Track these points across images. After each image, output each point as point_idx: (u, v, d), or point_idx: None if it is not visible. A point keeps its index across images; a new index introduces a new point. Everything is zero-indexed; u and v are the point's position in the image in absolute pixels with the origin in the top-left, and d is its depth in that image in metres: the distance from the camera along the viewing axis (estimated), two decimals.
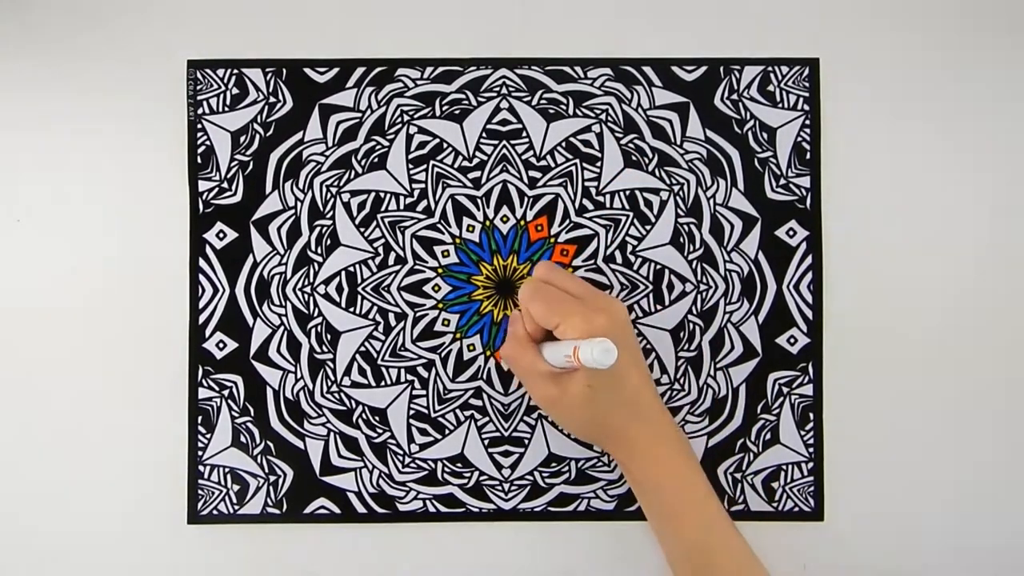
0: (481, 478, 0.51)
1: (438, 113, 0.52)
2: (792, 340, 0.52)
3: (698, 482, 0.46)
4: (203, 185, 0.51)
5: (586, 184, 0.52)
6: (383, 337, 0.52)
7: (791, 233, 0.52)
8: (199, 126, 0.51)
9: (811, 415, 0.52)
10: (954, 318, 0.52)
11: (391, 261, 0.52)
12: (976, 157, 0.52)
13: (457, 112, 0.52)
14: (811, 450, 0.52)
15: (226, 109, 0.52)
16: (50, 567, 0.51)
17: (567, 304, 0.44)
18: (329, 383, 0.51)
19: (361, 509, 0.51)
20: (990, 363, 0.52)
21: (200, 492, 0.51)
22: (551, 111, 0.52)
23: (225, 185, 0.51)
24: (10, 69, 0.51)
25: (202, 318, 0.51)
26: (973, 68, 0.52)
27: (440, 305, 0.52)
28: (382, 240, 0.52)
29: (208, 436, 0.51)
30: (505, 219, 0.52)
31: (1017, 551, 0.52)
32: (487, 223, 0.52)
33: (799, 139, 0.52)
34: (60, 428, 0.51)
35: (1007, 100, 0.52)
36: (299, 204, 0.52)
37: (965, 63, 0.52)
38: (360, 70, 0.52)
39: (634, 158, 0.52)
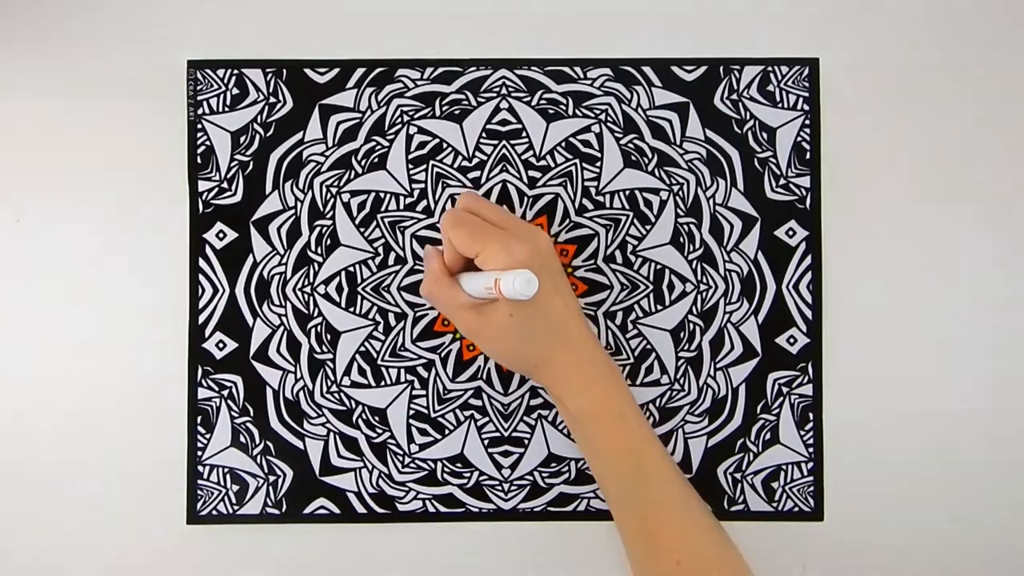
0: (481, 478, 0.51)
1: (438, 113, 0.52)
2: (792, 340, 0.52)
3: (626, 406, 0.46)
4: (203, 185, 0.51)
5: (586, 184, 0.52)
6: (383, 337, 0.52)
7: (791, 233, 0.52)
8: (199, 126, 0.52)
9: (811, 415, 0.52)
10: (954, 318, 0.52)
11: (391, 261, 0.52)
12: (976, 157, 0.52)
13: (457, 112, 0.52)
14: (811, 450, 0.52)
15: (226, 109, 0.52)
16: (50, 567, 0.51)
17: (489, 232, 0.44)
18: (329, 383, 0.51)
19: (361, 509, 0.51)
20: (991, 363, 0.52)
21: (200, 492, 0.51)
22: (551, 111, 0.52)
23: (225, 185, 0.52)
24: (10, 69, 0.51)
25: (202, 318, 0.51)
26: (973, 68, 0.52)
27: None
28: (382, 240, 0.52)
29: (208, 436, 0.51)
30: None
31: (1017, 551, 0.51)
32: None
33: (799, 139, 0.52)
34: (60, 428, 0.51)
35: (1007, 100, 0.52)
36: (299, 204, 0.52)
37: (965, 63, 0.52)
38: (360, 70, 0.52)
39: (634, 158, 0.52)
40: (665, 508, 0.45)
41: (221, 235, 0.52)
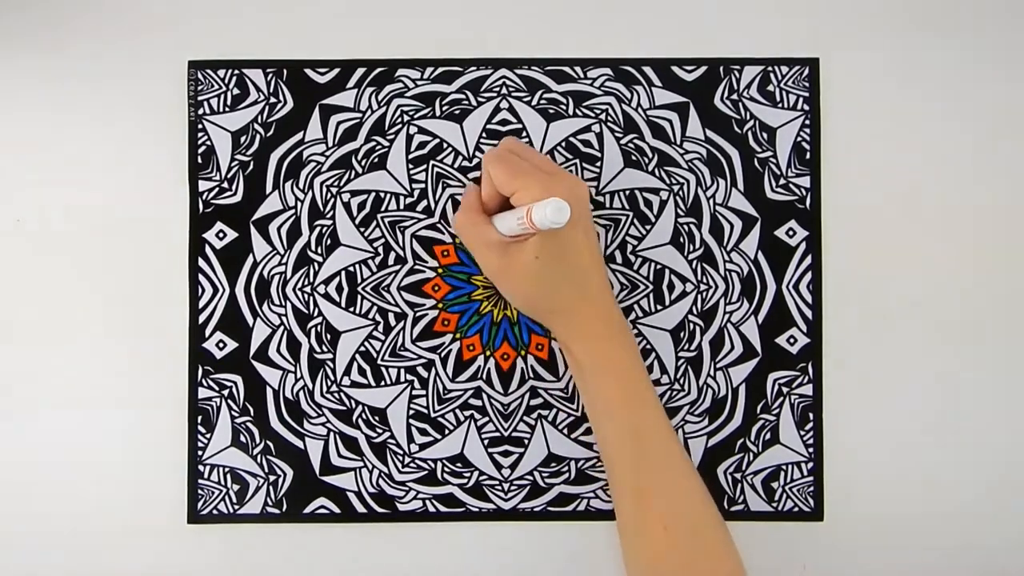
0: (481, 478, 0.51)
1: (438, 113, 0.52)
2: (792, 340, 0.52)
3: (634, 363, 0.46)
4: (203, 185, 0.52)
5: (586, 184, 0.52)
6: (383, 337, 0.52)
7: (791, 233, 0.52)
8: (200, 126, 0.52)
9: (811, 415, 0.52)
10: (955, 318, 0.52)
11: (391, 261, 0.52)
12: (976, 157, 0.52)
13: (457, 112, 0.52)
14: (811, 450, 0.52)
15: (227, 109, 0.52)
16: (50, 567, 0.51)
17: (529, 172, 0.44)
18: (329, 383, 0.52)
19: (361, 509, 0.51)
20: (991, 363, 0.52)
21: (200, 492, 0.51)
22: (551, 111, 0.52)
23: (225, 185, 0.52)
24: (10, 69, 0.51)
25: (202, 318, 0.51)
26: (973, 68, 0.52)
27: (440, 305, 0.52)
28: (382, 240, 0.52)
29: (208, 436, 0.51)
30: None
31: (1018, 551, 0.51)
32: None
33: (799, 139, 0.52)
34: (60, 428, 0.51)
35: (1007, 99, 0.52)
36: (299, 204, 0.52)
37: (965, 63, 0.52)
38: (360, 70, 0.52)
39: (634, 158, 0.52)
40: (659, 467, 0.45)
41: (221, 235, 0.52)
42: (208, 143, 0.52)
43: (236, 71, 0.52)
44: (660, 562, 0.44)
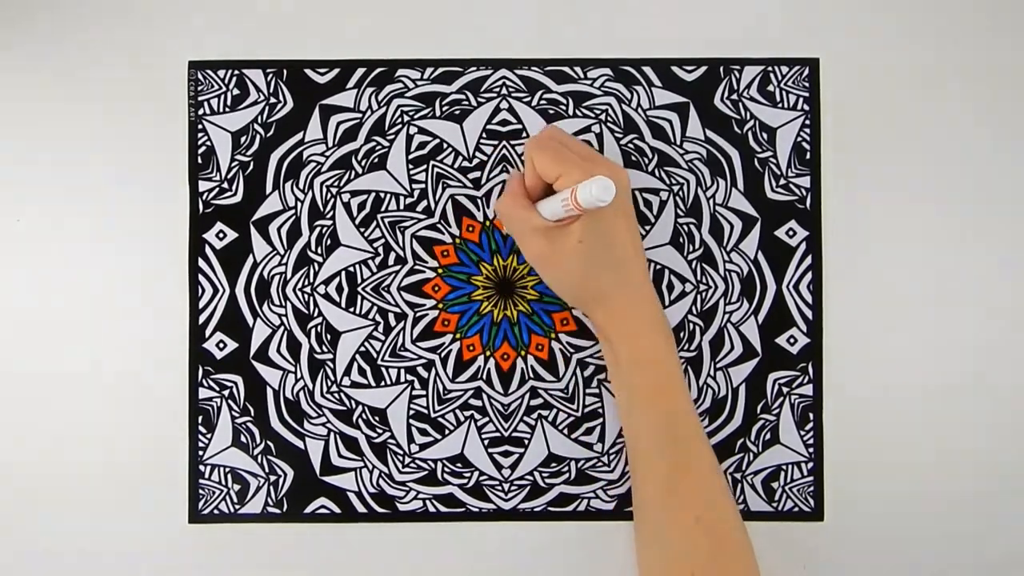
0: (481, 478, 0.51)
1: (438, 113, 0.52)
2: (792, 340, 0.52)
3: (671, 357, 0.47)
4: (203, 185, 0.52)
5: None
6: (383, 337, 0.52)
7: (791, 233, 0.52)
8: (200, 127, 0.52)
9: (811, 415, 0.52)
10: (954, 317, 0.52)
11: (391, 261, 0.52)
12: (977, 157, 0.52)
13: (457, 112, 0.52)
14: (811, 450, 0.52)
15: (227, 110, 0.52)
16: (50, 566, 0.51)
17: (572, 159, 0.45)
18: (329, 383, 0.52)
19: (361, 509, 0.51)
20: (991, 363, 0.52)
21: (201, 492, 0.51)
22: (551, 111, 0.52)
23: (225, 185, 0.52)
24: (10, 69, 0.51)
25: (202, 318, 0.51)
26: (974, 68, 0.52)
27: (440, 305, 0.52)
28: (382, 240, 0.52)
29: (208, 436, 0.51)
30: None
31: (1017, 550, 0.51)
32: (487, 223, 0.52)
33: (799, 139, 0.52)
34: (60, 428, 0.51)
35: (1008, 99, 0.52)
36: (299, 204, 0.52)
37: (965, 62, 0.52)
38: (360, 71, 0.52)
39: (634, 158, 0.52)
40: (693, 464, 0.46)
41: (221, 235, 0.52)
42: (208, 143, 0.52)
43: (236, 71, 0.52)
44: (690, 555, 0.44)
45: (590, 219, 0.44)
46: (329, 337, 0.52)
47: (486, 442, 0.52)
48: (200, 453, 0.51)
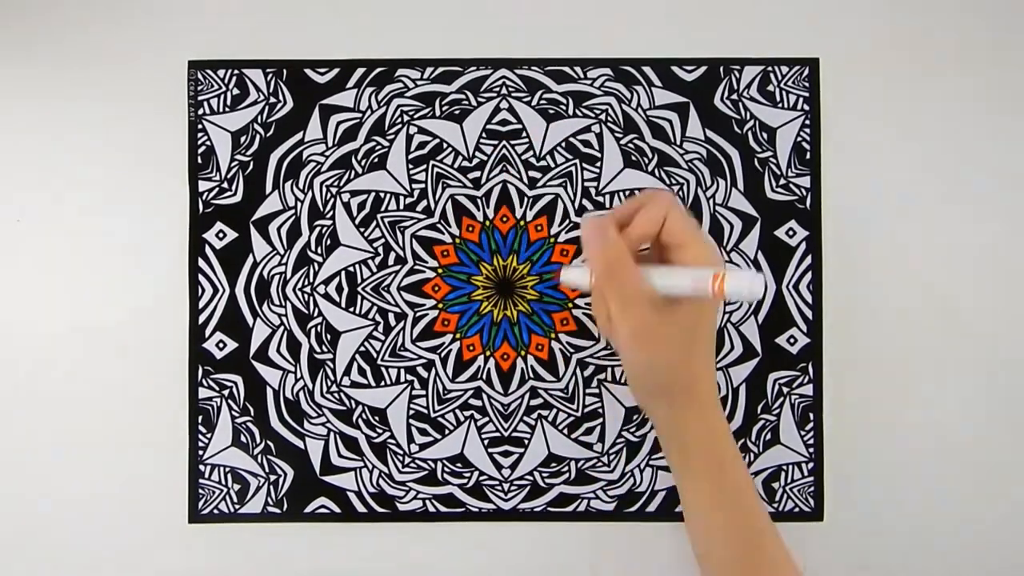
0: (481, 478, 0.51)
1: (438, 113, 0.52)
2: (792, 340, 0.52)
3: (732, 439, 0.45)
4: (203, 185, 0.52)
5: (586, 184, 0.52)
6: (383, 337, 0.52)
7: (791, 233, 0.52)
8: (199, 126, 0.52)
9: (811, 415, 0.52)
10: (954, 317, 0.52)
11: (391, 261, 0.52)
12: (976, 156, 0.52)
13: (457, 112, 0.52)
14: (811, 450, 0.52)
15: (227, 109, 0.52)
16: (50, 566, 0.51)
17: (701, 230, 0.41)
18: (329, 383, 0.52)
19: (361, 509, 0.51)
20: (990, 362, 0.52)
21: (201, 491, 0.51)
22: (551, 111, 0.52)
23: (225, 185, 0.52)
24: (10, 69, 0.51)
25: (202, 318, 0.51)
26: (973, 67, 0.52)
27: (440, 305, 0.52)
28: (382, 240, 0.52)
29: (208, 436, 0.51)
30: (505, 219, 0.52)
31: (1017, 551, 0.51)
32: (487, 223, 0.52)
33: (799, 139, 0.52)
34: (60, 428, 0.51)
35: (1007, 99, 0.52)
36: (299, 204, 0.52)
37: (965, 62, 0.52)
38: (360, 70, 0.52)
39: (634, 158, 0.52)
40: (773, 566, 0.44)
41: (221, 235, 0.52)
42: (208, 143, 0.52)
43: (236, 71, 0.52)
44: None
45: (704, 304, 0.41)
46: (329, 337, 0.52)
47: (486, 442, 0.52)
48: (200, 453, 0.51)
